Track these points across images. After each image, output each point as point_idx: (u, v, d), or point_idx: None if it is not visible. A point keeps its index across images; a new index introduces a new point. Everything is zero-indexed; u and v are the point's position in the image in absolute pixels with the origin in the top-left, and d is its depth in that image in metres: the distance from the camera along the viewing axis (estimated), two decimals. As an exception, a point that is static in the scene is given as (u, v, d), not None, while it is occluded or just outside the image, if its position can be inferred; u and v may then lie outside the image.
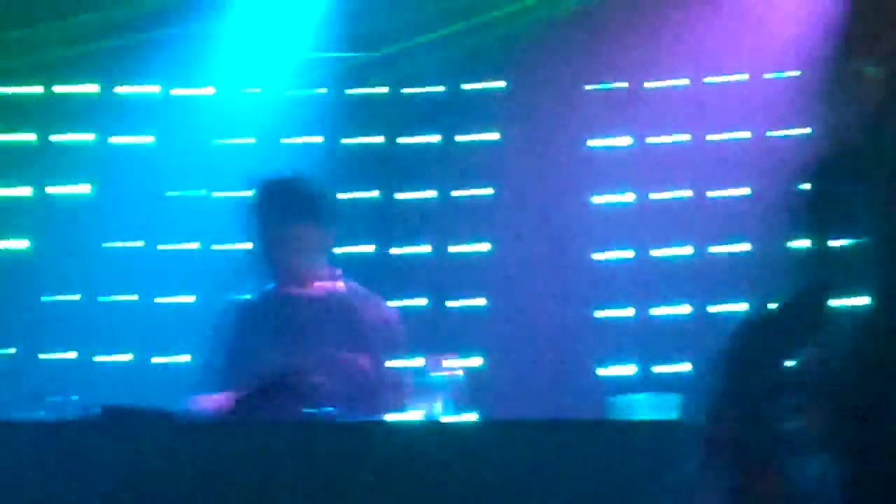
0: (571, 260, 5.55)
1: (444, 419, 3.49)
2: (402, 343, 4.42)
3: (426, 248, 5.70)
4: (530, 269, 5.54)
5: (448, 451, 3.07)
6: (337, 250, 4.56)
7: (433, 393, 3.56)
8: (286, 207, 4.40)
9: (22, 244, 5.88)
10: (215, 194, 5.70)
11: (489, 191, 5.69)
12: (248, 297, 4.58)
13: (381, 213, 5.74)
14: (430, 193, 5.74)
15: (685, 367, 5.26)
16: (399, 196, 5.75)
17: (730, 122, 5.53)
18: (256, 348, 4.38)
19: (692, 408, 2.70)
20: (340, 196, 4.96)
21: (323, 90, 5.79)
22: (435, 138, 5.77)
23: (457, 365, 3.58)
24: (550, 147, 5.63)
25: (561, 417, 3.22)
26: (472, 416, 3.60)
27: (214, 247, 5.67)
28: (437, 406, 3.53)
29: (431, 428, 3.37)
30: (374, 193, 5.74)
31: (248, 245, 4.56)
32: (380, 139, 5.81)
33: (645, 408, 3.43)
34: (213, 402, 3.87)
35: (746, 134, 5.54)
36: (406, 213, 5.73)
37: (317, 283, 4.46)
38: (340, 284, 4.50)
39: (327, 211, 4.47)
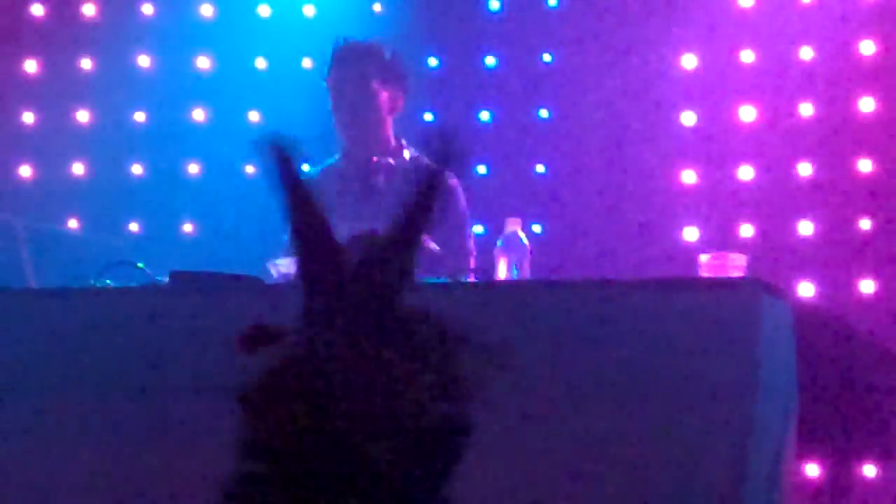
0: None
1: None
2: (462, 215, 4.37)
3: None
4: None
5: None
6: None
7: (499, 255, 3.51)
8: (346, 68, 4.35)
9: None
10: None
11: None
12: (330, 161, 4.55)
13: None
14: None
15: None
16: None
17: None
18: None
19: None
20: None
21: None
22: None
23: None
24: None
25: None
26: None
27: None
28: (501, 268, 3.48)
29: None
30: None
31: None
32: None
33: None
34: (284, 265, 3.86)
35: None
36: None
37: (380, 151, 4.41)
38: (406, 153, 4.46)
39: (390, 72, 4.40)
